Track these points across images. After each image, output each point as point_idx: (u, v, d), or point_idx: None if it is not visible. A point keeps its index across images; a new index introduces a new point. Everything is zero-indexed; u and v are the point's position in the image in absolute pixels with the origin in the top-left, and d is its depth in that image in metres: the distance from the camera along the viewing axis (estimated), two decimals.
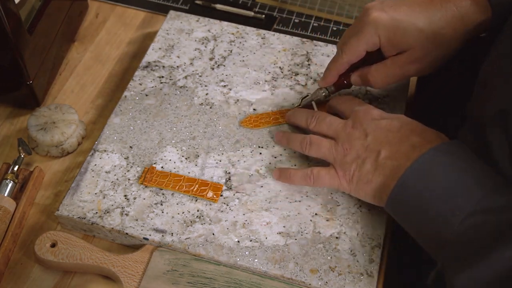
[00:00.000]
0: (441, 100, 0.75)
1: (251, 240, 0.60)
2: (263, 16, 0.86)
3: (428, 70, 0.64)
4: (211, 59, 0.76)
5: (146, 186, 0.64)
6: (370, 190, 0.58)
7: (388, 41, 0.62)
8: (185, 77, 0.74)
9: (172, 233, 0.61)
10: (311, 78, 0.75)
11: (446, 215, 0.51)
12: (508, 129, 0.51)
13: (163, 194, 0.64)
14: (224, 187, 0.64)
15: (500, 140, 0.53)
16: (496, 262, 0.47)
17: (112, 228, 0.61)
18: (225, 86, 0.74)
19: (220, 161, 0.67)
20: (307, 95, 0.71)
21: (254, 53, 0.77)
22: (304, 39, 0.79)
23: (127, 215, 0.62)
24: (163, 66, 0.75)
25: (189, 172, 0.65)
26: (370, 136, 0.59)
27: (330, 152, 0.61)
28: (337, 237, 0.61)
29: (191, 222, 0.62)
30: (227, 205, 0.63)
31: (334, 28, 0.85)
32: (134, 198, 0.63)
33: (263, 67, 0.76)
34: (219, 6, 0.86)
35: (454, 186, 0.52)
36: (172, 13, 0.81)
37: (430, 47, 0.61)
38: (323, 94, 0.69)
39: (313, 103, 0.70)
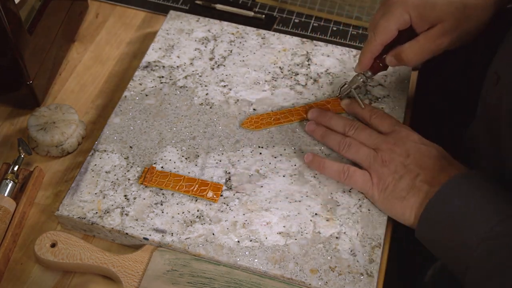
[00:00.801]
0: (442, 100, 0.75)
1: (251, 240, 0.60)
2: (263, 16, 0.86)
3: (460, 42, 0.64)
4: (211, 59, 0.76)
5: (146, 186, 0.64)
6: (400, 207, 0.60)
7: (418, 17, 0.62)
8: (185, 77, 0.74)
9: (172, 233, 0.61)
10: (311, 78, 0.75)
11: (465, 242, 0.53)
12: None
13: (163, 194, 0.64)
14: (224, 187, 0.64)
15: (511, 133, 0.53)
16: (508, 284, 0.48)
17: (112, 228, 0.61)
18: (225, 86, 0.74)
19: (220, 161, 0.67)
20: (345, 84, 0.71)
21: (254, 53, 0.77)
22: (304, 39, 0.79)
23: (127, 215, 0.62)
24: (163, 66, 0.75)
25: (189, 172, 0.65)
26: (412, 157, 0.60)
27: (367, 158, 0.63)
28: (337, 237, 0.61)
29: (191, 222, 0.62)
30: (227, 205, 0.63)
31: (334, 28, 0.85)
32: (134, 198, 0.63)
33: (263, 67, 0.76)
34: (219, 6, 0.86)
35: (471, 214, 0.54)
36: (172, 13, 0.81)
37: (461, 18, 0.61)
38: (361, 80, 0.69)
39: (353, 90, 0.70)
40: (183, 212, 0.62)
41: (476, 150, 0.65)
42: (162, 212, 0.62)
